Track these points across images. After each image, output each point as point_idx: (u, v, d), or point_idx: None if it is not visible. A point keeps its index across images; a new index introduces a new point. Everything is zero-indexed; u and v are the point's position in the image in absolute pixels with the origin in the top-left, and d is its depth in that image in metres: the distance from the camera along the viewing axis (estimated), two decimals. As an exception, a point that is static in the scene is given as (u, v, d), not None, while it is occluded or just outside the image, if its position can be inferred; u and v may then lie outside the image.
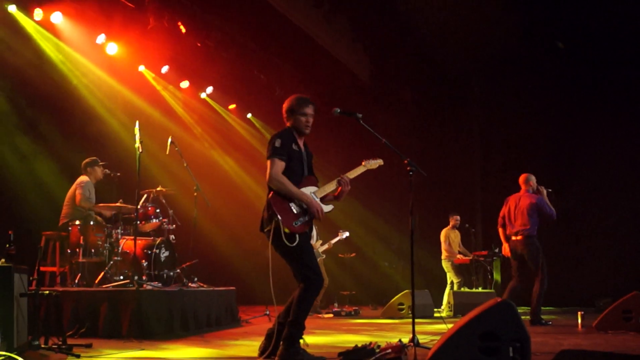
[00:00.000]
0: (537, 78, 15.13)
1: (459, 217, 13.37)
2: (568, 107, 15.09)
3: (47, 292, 6.14)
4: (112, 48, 11.25)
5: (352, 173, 5.73)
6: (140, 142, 8.08)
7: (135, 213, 8.42)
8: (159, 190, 9.55)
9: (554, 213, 9.63)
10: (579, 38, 14.25)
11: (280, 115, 5.68)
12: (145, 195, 9.51)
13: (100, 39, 11.01)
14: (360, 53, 15.98)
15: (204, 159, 13.86)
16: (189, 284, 9.07)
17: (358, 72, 16.11)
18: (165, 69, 12.59)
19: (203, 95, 14.07)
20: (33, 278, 6.08)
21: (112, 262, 8.47)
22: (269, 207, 5.32)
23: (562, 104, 15.21)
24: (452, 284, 12.94)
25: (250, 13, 12.41)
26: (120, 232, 8.87)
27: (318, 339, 7.34)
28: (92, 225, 8.68)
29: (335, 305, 13.22)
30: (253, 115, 15.63)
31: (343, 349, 5.54)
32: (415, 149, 15.44)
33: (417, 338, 5.69)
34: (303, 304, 5.30)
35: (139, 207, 8.82)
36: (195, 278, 9.41)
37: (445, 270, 13.07)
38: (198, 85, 13.73)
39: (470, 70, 16.21)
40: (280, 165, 5.34)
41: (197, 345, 6.75)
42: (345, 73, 15.50)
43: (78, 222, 8.66)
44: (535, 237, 9.59)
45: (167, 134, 9.45)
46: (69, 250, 8.58)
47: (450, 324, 5.41)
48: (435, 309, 11.89)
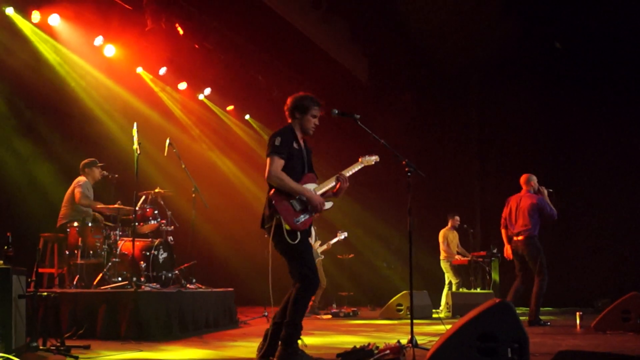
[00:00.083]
0: (535, 79, 15.15)
1: (459, 217, 13.37)
2: (566, 107, 15.10)
3: (45, 293, 6.14)
4: (109, 50, 11.26)
5: (349, 170, 5.75)
6: (139, 143, 8.09)
7: (134, 214, 8.42)
8: (157, 192, 9.55)
9: (555, 213, 9.62)
10: (577, 38, 14.26)
11: (279, 117, 5.63)
12: (144, 197, 9.51)
13: (98, 41, 11.02)
14: (359, 54, 16.00)
15: (202, 161, 13.86)
16: (187, 286, 9.07)
17: (356, 73, 16.12)
18: (163, 71, 12.60)
19: (201, 97, 14.07)
20: (31, 280, 6.08)
21: (110, 263, 8.45)
22: (270, 204, 5.30)
23: (560, 105, 15.22)
24: (450, 285, 12.95)
25: (248, 15, 12.41)
26: (119, 233, 8.85)
27: (316, 340, 7.34)
28: (90, 227, 8.67)
29: (334, 306, 13.22)
30: (251, 117, 15.63)
31: (341, 350, 5.55)
32: (414, 150, 15.44)
33: (415, 339, 5.69)
34: (299, 304, 5.28)
35: (137, 208, 8.82)
36: (194, 279, 9.41)
37: (444, 271, 13.07)
38: (196, 87, 13.72)
39: (469, 71, 16.22)
40: (280, 163, 5.31)
41: (195, 347, 6.75)
42: (344, 74, 15.50)
43: (76, 223, 8.65)
44: (537, 237, 9.58)
45: (165, 136, 9.44)
46: (67, 252, 8.56)
47: (449, 325, 5.42)
48: (434, 310, 11.88)
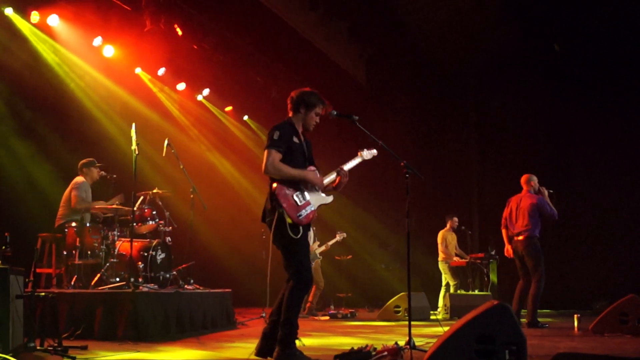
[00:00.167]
0: (533, 80, 15.15)
1: (457, 218, 13.37)
2: (565, 109, 15.13)
3: (43, 294, 6.15)
4: (108, 50, 11.26)
5: (349, 163, 5.80)
6: (137, 144, 8.07)
7: (132, 215, 8.41)
8: (155, 193, 9.54)
9: (555, 213, 9.61)
10: (576, 40, 14.28)
11: (277, 118, 5.61)
12: (142, 198, 9.50)
13: (97, 42, 11.01)
14: (357, 55, 16.00)
15: (201, 161, 13.85)
16: (185, 286, 9.05)
17: (354, 74, 16.11)
18: (162, 72, 12.60)
19: (199, 98, 14.07)
20: (29, 280, 6.06)
21: (108, 264, 8.44)
22: (273, 198, 5.28)
23: (559, 107, 15.24)
24: (447, 286, 12.94)
25: (247, 16, 12.40)
26: (117, 234, 8.84)
27: (314, 341, 7.34)
28: (88, 227, 8.65)
29: (332, 308, 13.23)
30: (249, 118, 15.63)
31: (339, 352, 5.55)
32: (412, 152, 15.44)
33: (413, 341, 5.69)
34: (293, 303, 5.28)
35: (136, 209, 8.81)
36: (192, 280, 9.38)
37: (442, 272, 13.06)
38: (194, 88, 13.71)
39: (467, 73, 16.23)
40: (277, 156, 5.29)
41: (193, 348, 6.74)
42: (342, 75, 15.49)
43: (74, 223, 8.63)
44: (537, 237, 9.57)
45: (163, 136, 9.42)
46: (65, 252, 8.54)
47: (447, 327, 5.42)
48: (432, 312, 11.88)
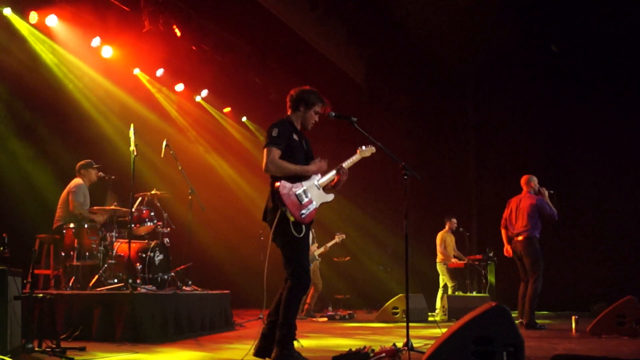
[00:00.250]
0: (532, 81, 15.17)
1: (456, 220, 13.37)
2: (564, 110, 15.13)
3: (41, 295, 6.13)
4: (107, 51, 11.26)
5: (348, 161, 5.78)
6: (135, 145, 8.06)
7: (130, 216, 8.40)
8: (154, 194, 9.54)
9: (555, 213, 9.59)
10: (574, 41, 14.28)
11: (276, 119, 5.58)
12: (140, 199, 9.49)
13: (96, 42, 11.01)
14: (356, 56, 16.01)
15: (199, 162, 13.85)
16: (183, 288, 9.06)
17: (353, 75, 16.12)
18: (160, 72, 12.60)
19: (198, 99, 14.07)
20: (27, 281, 6.06)
21: (106, 265, 8.43)
22: (275, 196, 5.25)
23: (557, 108, 15.25)
24: (445, 287, 12.95)
25: (245, 17, 12.42)
26: (115, 235, 8.83)
27: (312, 343, 7.34)
28: (86, 229, 8.63)
29: (330, 309, 13.22)
30: (248, 119, 15.63)
31: (337, 353, 5.54)
32: (411, 153, 15.44)
33: (411, 342, 5.70)
34: (291, 303, 5.27)
35: (134, 210, 8.80)
36: (190, 281, 9.39)
37: (440, 273, 13.06)
38: (193, 89, 13.72)
39: (466, 74, 16.25)
40: (277, 154, 5.28)
41: (191, 349, 6.74)
42: (341, 76, 15.51)
43: (72, 225, 8.62)
44: (537, 238, 9.56)
45: (161, 137, 9.42)
46: (63, 253, 8.53)
47: (445, 328, 5.41)
48: (430, 313, 11.88)
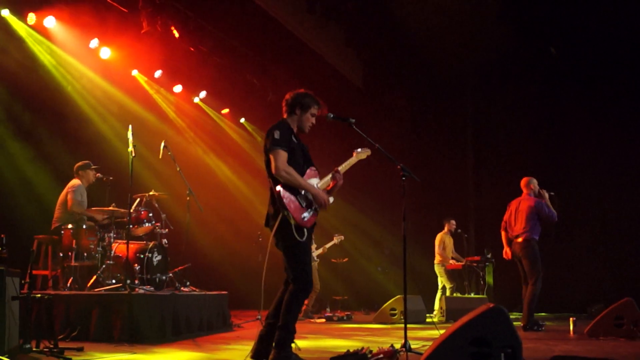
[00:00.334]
0: (530, 83, 15.20)
1: (454, 221, 13.37)
2: (562, 112, 15.16)
3: (39, 295, 6.14)
4: (105, 52, 11.27)
5: (345, 165, 5.76)
6: (133, 146, 8.05)
7: (128, 217, 8.40)
8: (152, 195, 9.54)
9: (554, 215, 9.58)
10: (572, 43, 14.30)
11: (274, 120, 5.58)
12: (138, 200, 9.49)
13: (94, 43, 11.02)
14: (354, 58, 16.01)
15: (197, 163, 13.85)
16: (181, 288, 9.06)
17: (351, 77, 16.13)
18: (159, 74, 12.61)
19: (196, 100, 14.08)
20: (25, 281, 6.06)
21: (104, 265, 8.43)
22: (277, 200, 5.21)
23: (556, 110, 15.28)
24: (443, 289, 12.95)
25: (244, 18, 12.42)
26: (113, 235, 8.82)
27: (310, 344, 7.34)
28: (84, 229, 8.63)
29: (328, 310, 13.22)
30: (246, 120, 15.64)
31: (335, 354, 5.55)
32: (409, 154, 15.46)
33: (409, 343, 5.70)
34: (292, 307, 5.25)
35: (132, 211, 8.80)
36: (188, 282, 9.39)
37: (438, 275, 13.06)
38: (191, 90, 13.72)
39: (464, 75, 16.27)
40: (285, 156, 5.23)
41: (188, 350, 6.74)
42: (339, 78, 15.51)
43: (70, 225, 8.62)
44: (535, 240, 9.54)
45: (160, 138, 9.42)
46: (61, 254, 8.52)
47: (443, 330, 5.42)
48: (428, 315, 11.89)
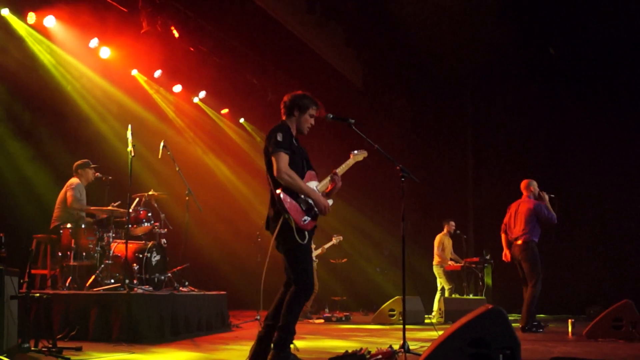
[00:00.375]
0: (530, 84, 15.19)
1: (454, 223, 13.37)
2: (562, 113, 15.16)
3: (37, 294, 6.14)
4: (105, 52, 11.26)
5: (343, 167, 5.74)
6: (133, 145, 8.05)
7: (127, 217, 8.40)
8: (151, 194, 9.53)
9: (554, 217, 9.57)
10: (572, 43, 14.30)
11: (273, 121, 5.57)
12: (137, 199, 9.49)
13: (94, 43, 11.01)
14: (353, 59, 16.02)
15: (196, 163, 13.84)
16: (180, 288, 9.06)
17: (351, 77, 16.13)
18: (158, 73, 12.61)
19: (196, 100, 14.07)
20: (24, 281, 6.06)
21: (103, 265, 8.43)
22: (278, 203, 5.19)
23: (555, 111, 15.28)
24: (442, 290, 12.95)
25: (243, 18, 12.42)
26: (112, 235, 8.82)
27: (308, 344, 7.34)
28: (83, 229, 8.63)
29: (326, 311, 13.21)
30: (245, 120, 15.63)
31: (333, 355, 5.55)
32: (408, 154, 15.46)
33: (407, 344, 5.70)
34: (293, 309, 5.22)
35: (131, 210, 8.80)
36: (186, 282, 9.38)
37: (436, 276, 13.06)
38: (191, 90, 13.71)
39: (464, 76, 16.27)
40: (287, 159, 5.20)
41: (187, 350, 6.74)
42: (338, 78, 15.52)
43: (69, 225, 8.61)
44: (535, 243, 9.54)
45: (159, 138, 9.41)
46: (60, 253, 8.51)
47: (441, 331, 5.42)
48: (427, 316, 11.89)
